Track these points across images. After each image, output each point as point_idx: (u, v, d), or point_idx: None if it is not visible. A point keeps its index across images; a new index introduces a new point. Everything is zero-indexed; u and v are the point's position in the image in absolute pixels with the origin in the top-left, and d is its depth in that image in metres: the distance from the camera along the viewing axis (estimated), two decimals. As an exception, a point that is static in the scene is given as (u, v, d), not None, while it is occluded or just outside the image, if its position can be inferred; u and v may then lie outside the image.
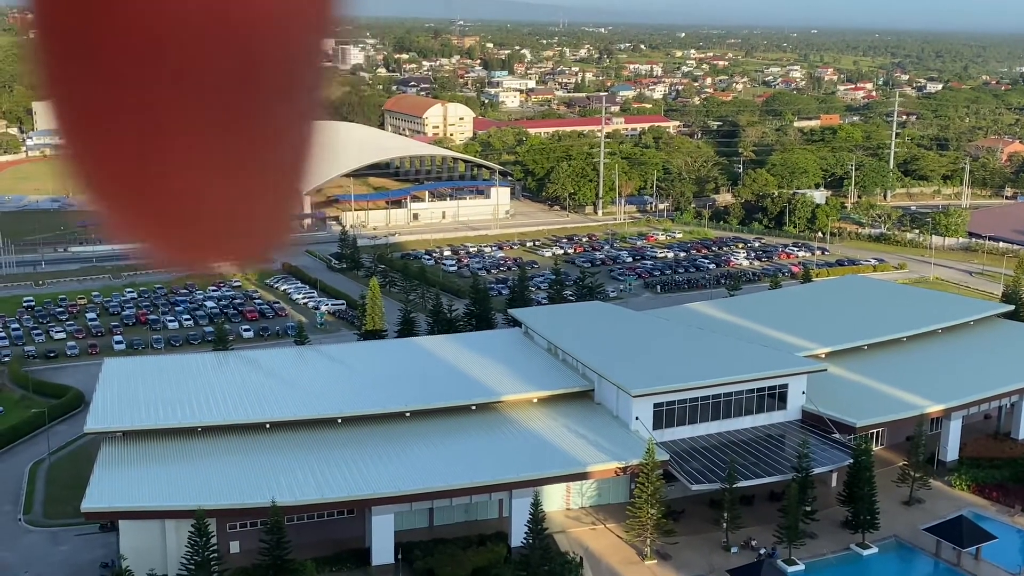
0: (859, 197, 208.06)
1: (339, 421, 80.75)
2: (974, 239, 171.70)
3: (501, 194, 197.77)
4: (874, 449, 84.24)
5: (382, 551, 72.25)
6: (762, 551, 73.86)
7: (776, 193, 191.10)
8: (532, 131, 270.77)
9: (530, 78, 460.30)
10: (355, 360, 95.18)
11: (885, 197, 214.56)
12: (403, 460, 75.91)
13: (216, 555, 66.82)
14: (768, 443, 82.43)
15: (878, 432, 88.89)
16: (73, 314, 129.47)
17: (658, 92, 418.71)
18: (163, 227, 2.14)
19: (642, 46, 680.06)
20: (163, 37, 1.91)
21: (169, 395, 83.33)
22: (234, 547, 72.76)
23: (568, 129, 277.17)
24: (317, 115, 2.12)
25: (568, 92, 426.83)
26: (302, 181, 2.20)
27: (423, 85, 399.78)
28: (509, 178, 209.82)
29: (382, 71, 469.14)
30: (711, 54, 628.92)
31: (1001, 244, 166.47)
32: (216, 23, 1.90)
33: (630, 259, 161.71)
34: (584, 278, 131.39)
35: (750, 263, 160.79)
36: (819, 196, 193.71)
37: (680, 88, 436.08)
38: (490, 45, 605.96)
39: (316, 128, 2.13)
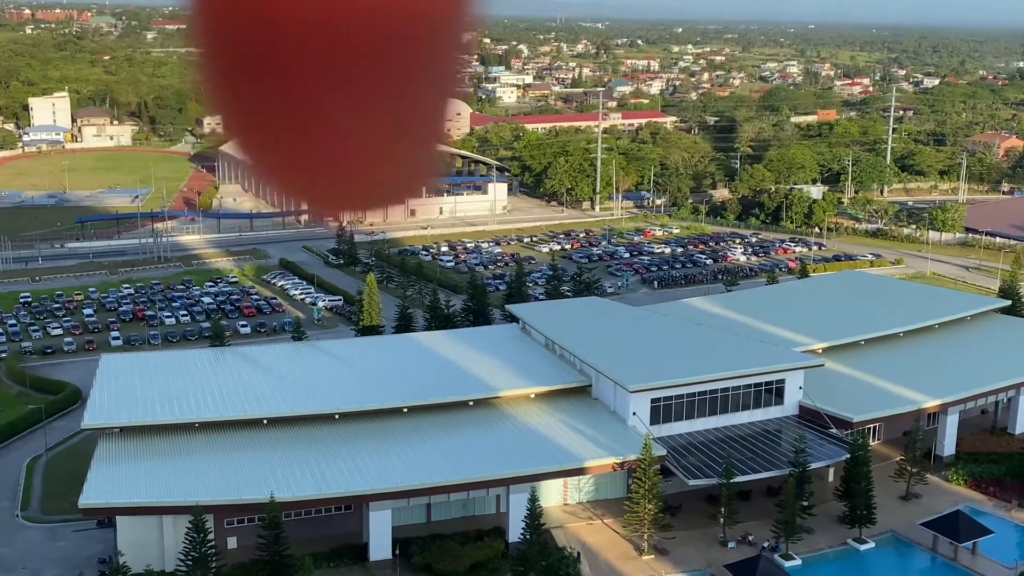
0: (856, 192, 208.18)
1: (336, 417, 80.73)
2: (971, 234, 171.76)
3: (498, 190, 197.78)
4: (871, 444, 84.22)
5: (380, 547, 72.27)
6: (765, 544, 73.85)
7: (773, 188, 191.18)
8: (529, 127, 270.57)
9: (527, 73, 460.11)
10: (352, 356, 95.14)
11: (882, 192, 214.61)
12: (401, 456, 75.92)
13: (214, 551, 66.82)
14: (765, 438, 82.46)
15: (875, 427, 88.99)
16: (70, 310, 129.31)
17: (655, 87, 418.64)
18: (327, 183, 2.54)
19: (639, 41, 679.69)
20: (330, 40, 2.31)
21: (166, 391, 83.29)
22: (232, 543, 72.74)
23: (565, 125, 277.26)
24: (451, 93, 2.56)
25: (565, 88, 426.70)
26: (438, 140, 2.66)
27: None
28: (506, 174, 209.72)
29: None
30: (708, 49, 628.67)
31: (998, 239, 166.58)
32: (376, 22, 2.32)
33: (627, 255, 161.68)
34: (581, 274, 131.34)
35: (747, 258, 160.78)
36: (816, 191, 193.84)
37: (677, 84, 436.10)
38: (487, 40, 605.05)
39: (448, 102, 2.57)
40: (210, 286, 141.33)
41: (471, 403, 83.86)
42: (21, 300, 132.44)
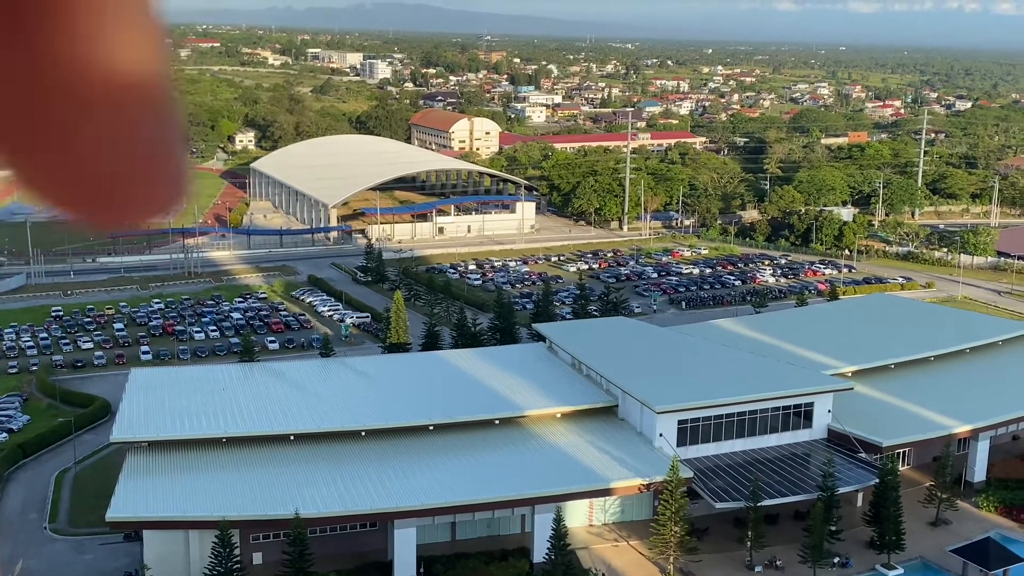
0: (887, 215, 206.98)
1: (363, 434, 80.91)
2: (1003, 258, 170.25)
3: (527, 209, 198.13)
4: (900, 469, 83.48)
5: (404, 565, 72.21)
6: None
7: (803, 210, 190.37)
8: (558, 146, 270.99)
9: (556, 93, 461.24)
10: (379, 373, 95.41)
11: (913, 215, 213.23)
12: (426, 474, 75.93)
13: (239, 566, 67.04)
14: (793, 461, 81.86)
15: (905, 452, 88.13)
16: (101, 324, 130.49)
17: (685, 108, 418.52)
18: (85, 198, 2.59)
19: (669, 62, 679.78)
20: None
21: (194, 406, 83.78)
22: (257, 558, 72.95)
23: (594, 144, 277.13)
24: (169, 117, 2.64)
25: (594, 107, 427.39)
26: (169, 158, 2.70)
27: (450, 100, 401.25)
28: (535, 193, 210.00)
29: (409, 85, 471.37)
30: (738, 70, 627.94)
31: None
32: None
33: (655, 275, 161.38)
34: (609, 293, 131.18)
35: (776, 280, 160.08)
36: (846, 213, 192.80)
37: (707, 104, 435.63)
38: (517, 60, 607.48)
39: (172, 122, 2.65)
40: (239, 302, 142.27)
41: (497, 422, 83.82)
42: (52, 314, 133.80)
